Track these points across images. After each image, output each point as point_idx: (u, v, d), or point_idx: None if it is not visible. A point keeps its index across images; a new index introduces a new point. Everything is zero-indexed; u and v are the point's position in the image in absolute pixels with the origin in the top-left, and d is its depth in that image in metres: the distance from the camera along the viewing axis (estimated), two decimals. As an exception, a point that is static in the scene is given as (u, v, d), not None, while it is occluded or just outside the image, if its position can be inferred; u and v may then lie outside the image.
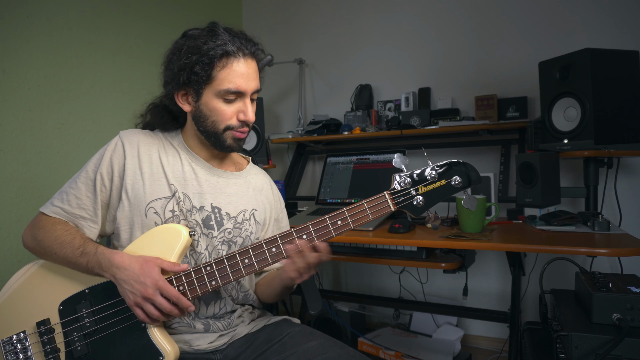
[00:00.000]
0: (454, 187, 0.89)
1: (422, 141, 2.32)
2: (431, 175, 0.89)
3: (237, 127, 1.02)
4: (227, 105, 0.99)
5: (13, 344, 0.94)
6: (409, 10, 2.42)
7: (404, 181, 0.90)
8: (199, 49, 0.96)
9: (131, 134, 1.06)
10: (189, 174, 1.05)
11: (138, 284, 0.88)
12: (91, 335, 0.92)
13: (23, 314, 0.95)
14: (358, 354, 0.99)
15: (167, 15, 2.34)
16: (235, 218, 1.07)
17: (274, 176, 2.77)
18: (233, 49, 0.97)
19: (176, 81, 0.99)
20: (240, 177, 1.13)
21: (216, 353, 1.02)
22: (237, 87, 0.97)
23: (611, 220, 1.48)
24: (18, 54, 1.63)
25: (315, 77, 2.72)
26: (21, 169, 1.64)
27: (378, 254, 1.54)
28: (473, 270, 2.18)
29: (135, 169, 1.01)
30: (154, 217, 0.99)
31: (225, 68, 0.97)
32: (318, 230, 0.91)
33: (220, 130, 1.01)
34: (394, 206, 0.90)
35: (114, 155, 1.02)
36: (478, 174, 0.90)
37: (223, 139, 1.02)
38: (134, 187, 1.00)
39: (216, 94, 0.98)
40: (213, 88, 0.98)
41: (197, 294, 0.92)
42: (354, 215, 0.90)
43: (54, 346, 0.93)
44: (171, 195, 1.01)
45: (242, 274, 0.93)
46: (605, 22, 1.97)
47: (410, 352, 2.01)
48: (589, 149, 1.57)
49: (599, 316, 1.07)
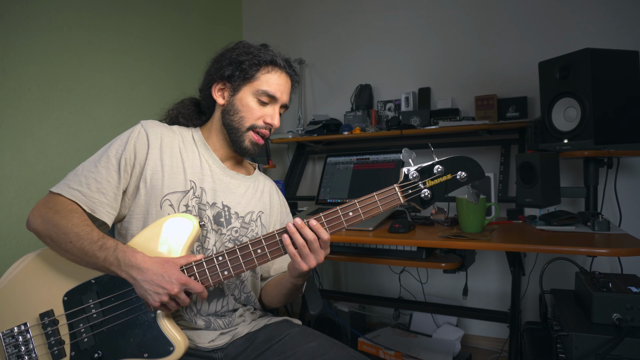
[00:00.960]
0: (459, 181, 0.93)
1: (422, 141, 2.32)
2: (438, 170, 0.93)
3: (260, 128, 1.07)
4: (259, 106, 1.07)
5: (14, 336, 0.91)
6: (409, 10, 2.42)
7: (412, 175, 0.93)
8: (251, 52, 1.07)
9: (154, 124, 1.06)
10: (206, 170, 1.08)
11: (165, 282, 0.87)
12: (98, 326, 0.92)
13: (23, 305, 0.93)
14: (358, 354, 0.99)
15: (167, 15, 2.34)
16: (243, 218, 1.10)
17: (274, 176, 2.78)
18: (280, 62, 1.09)
19: (220, 73, 1.07)
20: (250, 181, 1.17)
21: (217, 352, 1.03)
22: (274, 91, 1.06)
23: (611, 220, 1.48)
24: (18, 54, 1.63)
25: (315, 77, 2.72)
26: (21, 169, 1.64)
27: (378, 254, 1.54)
28: (473, 270, 2.18)
29: (156, 160, 1.02)
30: (168, 209, 1.00)
31: (269, 73, 1.07)
32: (330, 221, 0.93)
33: (245, 127, 1.06)
34: (403, 198, 0.93)
35: (138, 142, 1.01)
36: (481, 169, 0.94)
37: (243, 139, 1.07)
38: (153, 178, 1.01)
39: (253, 92, 1.06)
40: (252, 86, 1.06)
41: (209, 283, 0.93)
42: (365, 207, 0.93)
43: (58, 338, 0.91)
44: (188, 190, 1.03)
45: (255, 263, 0.94)
46: (605, 22, 1.97)
47: (410, 352, 2.01)
48: (588, 149, 1.57)
49: (599, 316, 1.07)
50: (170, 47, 2.34)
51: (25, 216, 0.98)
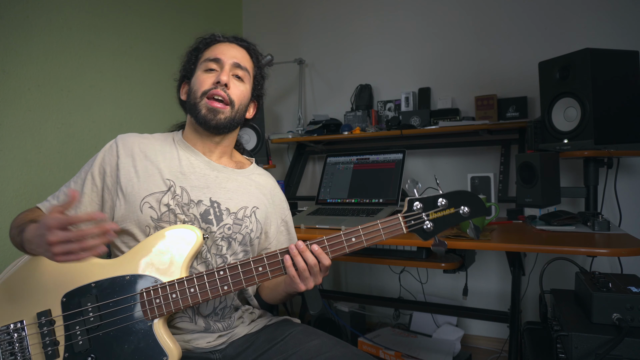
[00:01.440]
0: (462, 216, 0.94)
1: (422, 141, 2.32)
2: (442, 203, 0.94)
3: (211, 89, 1.05)
4: (207, 74, 1.08)
5: (10, 333, 0.92)
6: (409, 10, 2.42)
7: (417, 206, 0.94)
8: (195, 43, 1.14)
9: (128, 136, 1.09)
10: (187, 168, 1.06)
11: (39, 237, 0.83)
12: (94, 330, 0.92)
13: (21, 302, 0.93)
14: (360, 352, 0.99)
15: (167, 15, 2.34)
16: (235, 214, 1.06)
17: (273, 176, 2.78)
18: (220, 36, 1.12)
19: (180, 79, 1.15)
20: (242, 175, 1.14)
21: (215, 353, 1.02)
22: (215, 55, 1.08)
23: (611, 220, 1.48)
24: (18, 54, 1.63)
25: (315, 77, 2.72)
26: (21, 169, 1.64)
27: (378, 254, 1.54)
28: (473, 270, 2.18)
29: (128, 167, 1.03)
30: (150, 212, 0.99)
31: (210, 46, 1.11)
32: (333, 246, 0.94)
33: (198, 97, 1.06)
34: (406, 229, 0.94)
35: (107, 155, 1.05)
36: (484, 205, 0.95)
37: (199, 108, 1.06)
38: (128, 185, 1.01)
39: (199, 69, 1.09)
40: (199, 66, 1.10)
41: (208, 297, 0.93)
42: (368, 234, 0.94)
43: (53, 339, 0.91)
44: (166, 190, 1.02)
45: (255, 281, 0.94)
46: (605, 22, 1.97)
47: (410, 352, 2.01)
48: (589, 149, 1.57)
49: (599, 316, 1.07)
50: (170, 47, 2.34)
51: (25, 216, 0.99)
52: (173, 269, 0.94)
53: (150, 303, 0.91)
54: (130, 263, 0.95)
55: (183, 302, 0.92)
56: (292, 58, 2.63)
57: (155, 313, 0.91)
